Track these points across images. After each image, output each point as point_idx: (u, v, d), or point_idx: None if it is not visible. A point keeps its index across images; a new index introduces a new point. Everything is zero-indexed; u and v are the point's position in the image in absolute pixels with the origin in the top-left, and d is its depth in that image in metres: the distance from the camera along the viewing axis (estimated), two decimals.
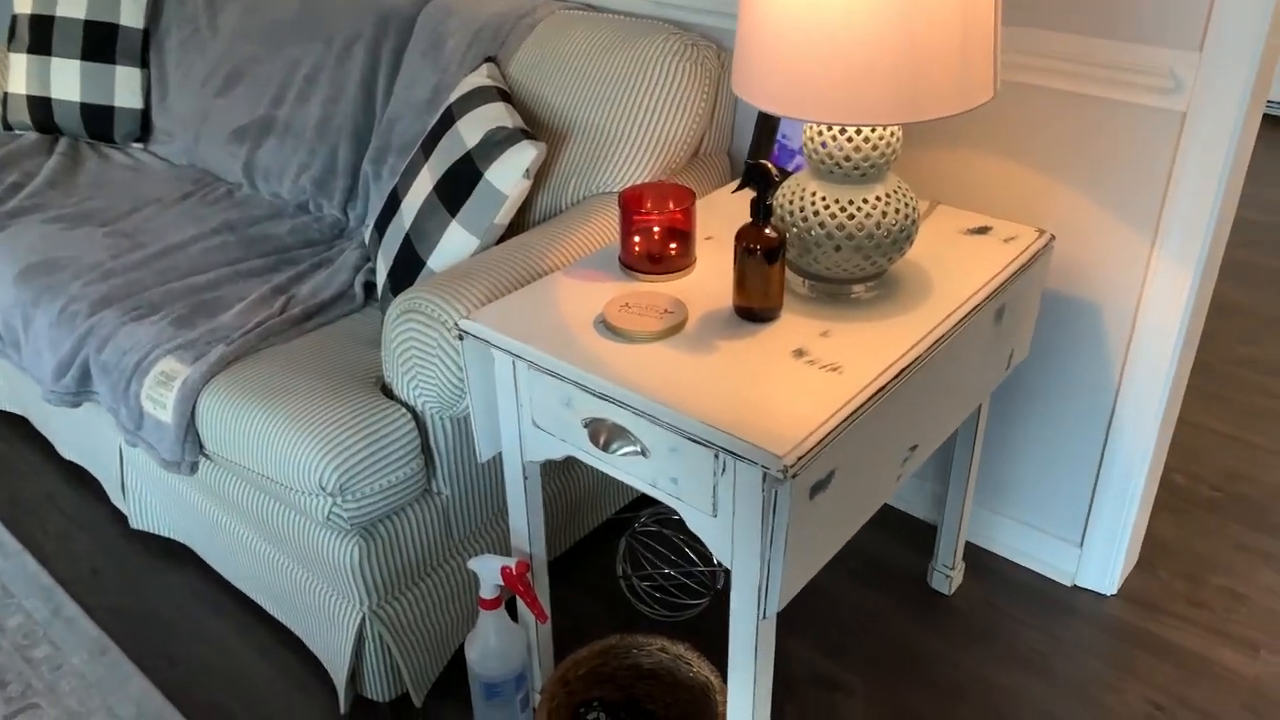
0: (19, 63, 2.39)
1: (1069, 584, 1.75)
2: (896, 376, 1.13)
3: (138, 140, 2.45)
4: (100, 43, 2.37)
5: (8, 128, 2.47)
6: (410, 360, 1.37)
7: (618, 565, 1.73)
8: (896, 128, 1.19)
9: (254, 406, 1.43)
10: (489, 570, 1.36)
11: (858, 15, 1.02)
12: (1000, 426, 1.73)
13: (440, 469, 1.46)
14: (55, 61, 2.37)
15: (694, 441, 1.06)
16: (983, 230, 1.42)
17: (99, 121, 2.41)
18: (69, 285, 1.77)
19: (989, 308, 1.29)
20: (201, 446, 1.54)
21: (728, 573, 1.75)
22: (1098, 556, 1.70)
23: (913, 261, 1.35)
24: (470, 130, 1.56)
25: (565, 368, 1.14)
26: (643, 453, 1.14)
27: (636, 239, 1.31)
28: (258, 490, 1.48)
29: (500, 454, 1.38)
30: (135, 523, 1.84)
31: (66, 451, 2.01)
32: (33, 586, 1.76)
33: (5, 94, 2.42)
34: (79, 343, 1.67)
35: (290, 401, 1.41)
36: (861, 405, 1.08)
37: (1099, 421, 1.60)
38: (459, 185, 1.52)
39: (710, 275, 1.32)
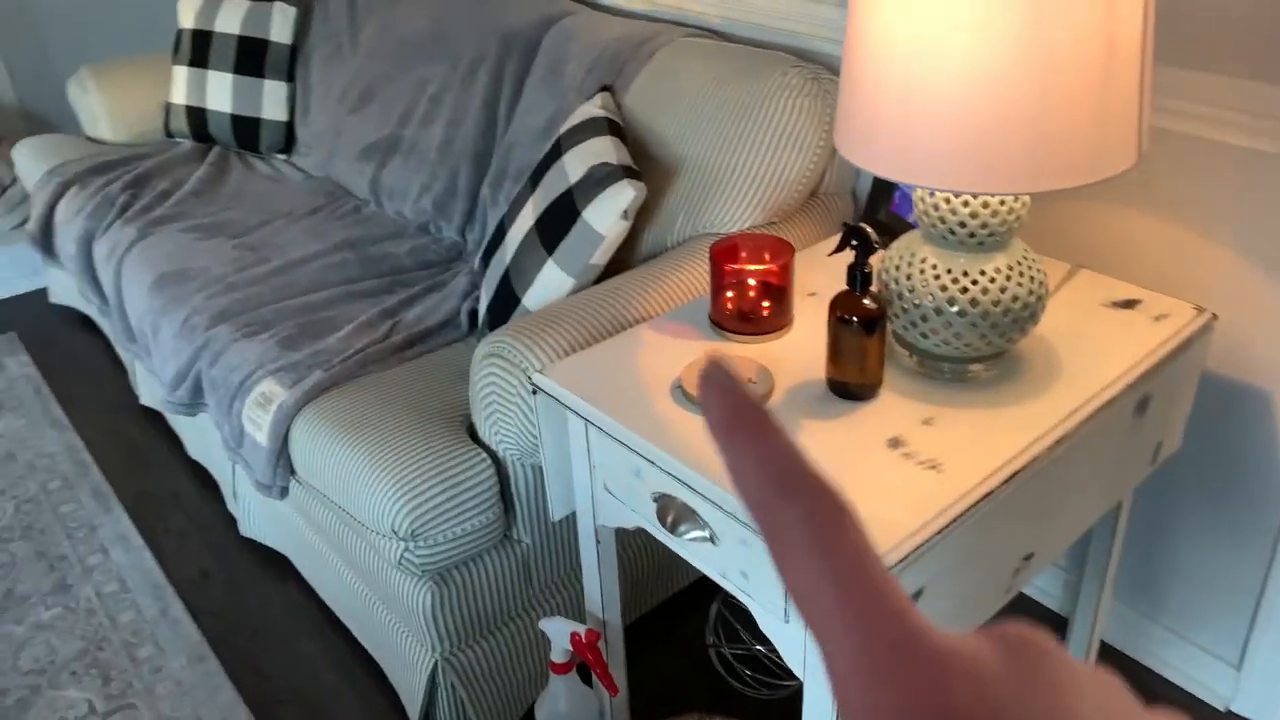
0: (180, 74, 2.50)
1: (1223, 709, 1.54)
2: (1007, 481, 1.00)
3: (281, 151, 2.53)
4: (251, 57, 2.45)
5: (169, 135, 2.59)
6: (491, 405, 1.32)
7: (708, 632, 1.64)
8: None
9: (339, 439, 1.42)
10: (559, 634, 1.30)
11: (976, 68, 0.90)
12: (1148, 519, 1.54)
13: (520, 517, 1.41)
14: (211, 74, 2.47)
15: None
16: (1130, 304, 1.26)
17: (247, 132, 2.49)
18: (193, 297, 1.82)
19: (1130, 398, 1.14)
20: (294, 470, 1.55)
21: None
22: (1259, 683, 1.49)
23: (1042, 337, 1.20)
24: (574, 165, 1.50)
25: (631, 437, 1.07)
26: (711, 539, 1.05)
27: (727, 295, 1.22)
28: (341, 522, 1.47)
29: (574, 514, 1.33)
30: (244, 529, 1.88)
31: (193, 451, 2.09)
32: (147, 583, 1.83)
33: (168, 104, 2.55)
34: (195, 355, 1.72)
35: (374, 437, 1.39)
36: (961, 514, 0.96)
37: (1266, 526, 1.40)
38: (558, 222, 1.47)
39: (807, 339, 1.22)
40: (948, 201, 1.05)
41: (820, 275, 1.35)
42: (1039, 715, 0.19)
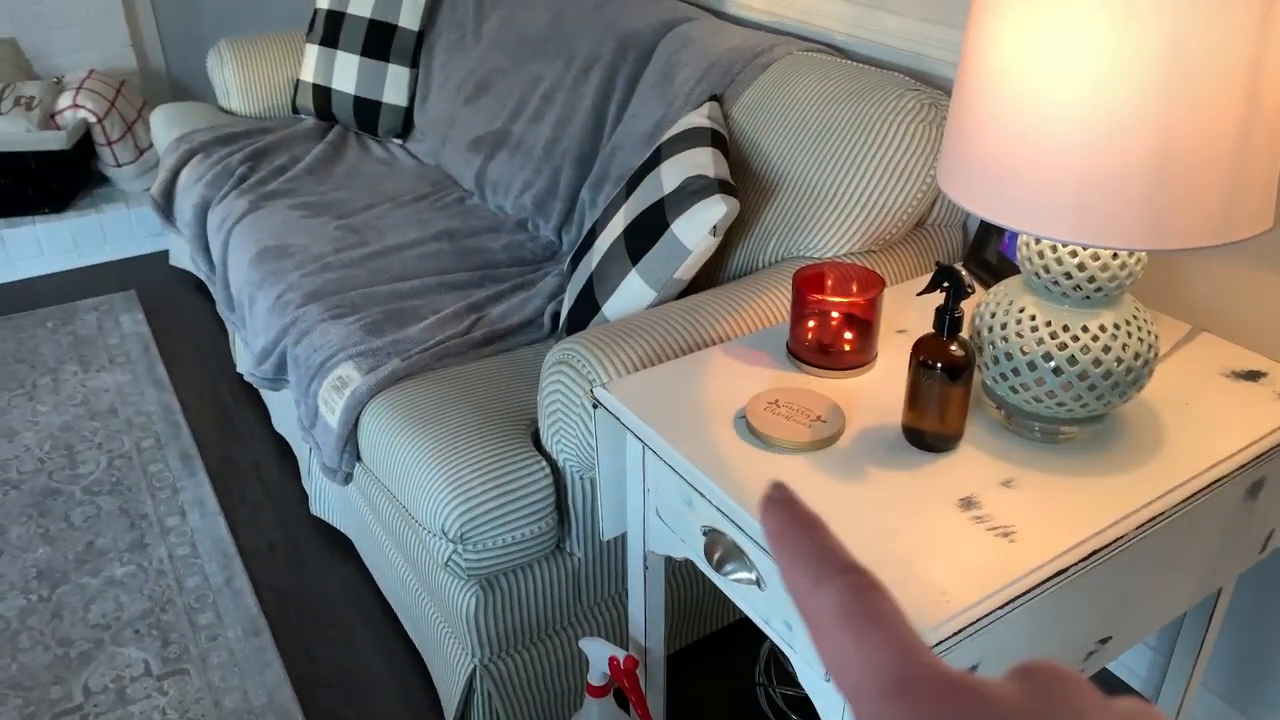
0: (311, 53, 2.56)
1: None
2: (1086, 558, 0.90)
3: (398, 136, 2.56)
4: (379, 40, 2.49)
5: (295, 111, 2.66)
6: (555, 413, 1.29)
7: (758, 671, 1.57)
8: None
9: (404, 430, 1.41)
10: (599, 656, 1.25)
11: (1095, 111, 0.81)
12: (1250, 604, 1.40)
13: (575, 530, 1.37)
14: (340, 55, 2.52)
15: None
16: (1254, 375, 1.14)
17: (367, 114, 2.53)
18: (290, 273, 1.85)
19: (1242, 480, 1.02)
20: (359, 457, 1.54)
21: None
22: None
23: (1148, 403, 1.10)
24: (670, 174, 1.46)
25: (684, 465, 1.01)
26: (758, 583, 0.99)
27: (808, 325, 1.15)
28: (398, 514, 1.46)
29: (625, 534, 1.28)
30: (314, 508, 1.90)
31: (278, 423, 2.13)
32: (216, 551, 1.86)
33: (297, 80, 2.61)
34: (283, 331, 1.74)
35: (437, 433, 1.38)
36: (1028, 591, 0.87)
37: None
38: (646, 232, 1.43)
39: (889, 380, 1.14)
40: (1054, 250, 0.96)
41: (913, 313, 1.27)
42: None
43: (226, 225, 2.12)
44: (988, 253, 1.34)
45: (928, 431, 1.02)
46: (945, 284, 0.96)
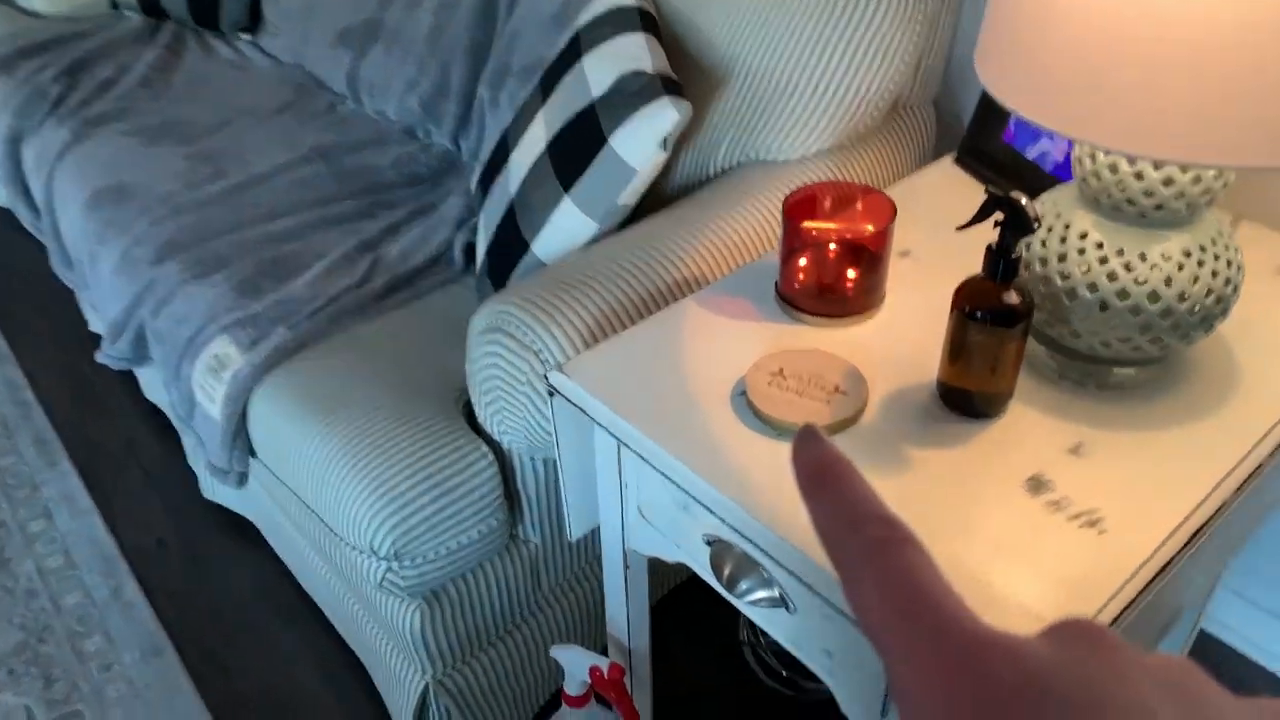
0: None
1: None
2: (1190, 541, 0.73)
3: (246, 31, 2.17)
4: None
5: (114, 6, 2.23)
6: (494, 390, 1.05)
7: (741, 628, 1.41)
8: None
9: (305, 421, 1.15)
10: (576, 665, 1.06)
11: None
12: None
13: (529, 513, 1.16)
14: None
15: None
16: None
17: (205, 6, 2.13)
18: (135, 222, 1.52)
19: None
20: (254, 452, 1.28)
21: None
22: None
23: None
24: (598, 71, 1.18)
25: (676, 468, 0.80)
26: (784, 604, 0.80)
27: (801, 264, 0.93)
28: (314, 522, 1.22)
29: (597, 529, 1.07)
30: (207, 491, 1.64)
31: (151, 391, 1.83)
32: (96, 556, 1.59)
33: None
34: (136, 300, 1.43)
35: (349, 423, 1.12)
36: (1136, 597, 0.70)
37: None
38: (577, 149, 1.16)
39: (904, 319, 0.93)
40: (1133, 163, 0.75)
41: (914, 228, 1.06)
42: (1093, 689, 0.19)
43: (47, 162, 1.75)
44: (988, 143, 1.13)
45: (975, 393, 0.82)
46: (1001, 216, 0.74)
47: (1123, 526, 0.74)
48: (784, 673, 1.39)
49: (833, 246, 0.94)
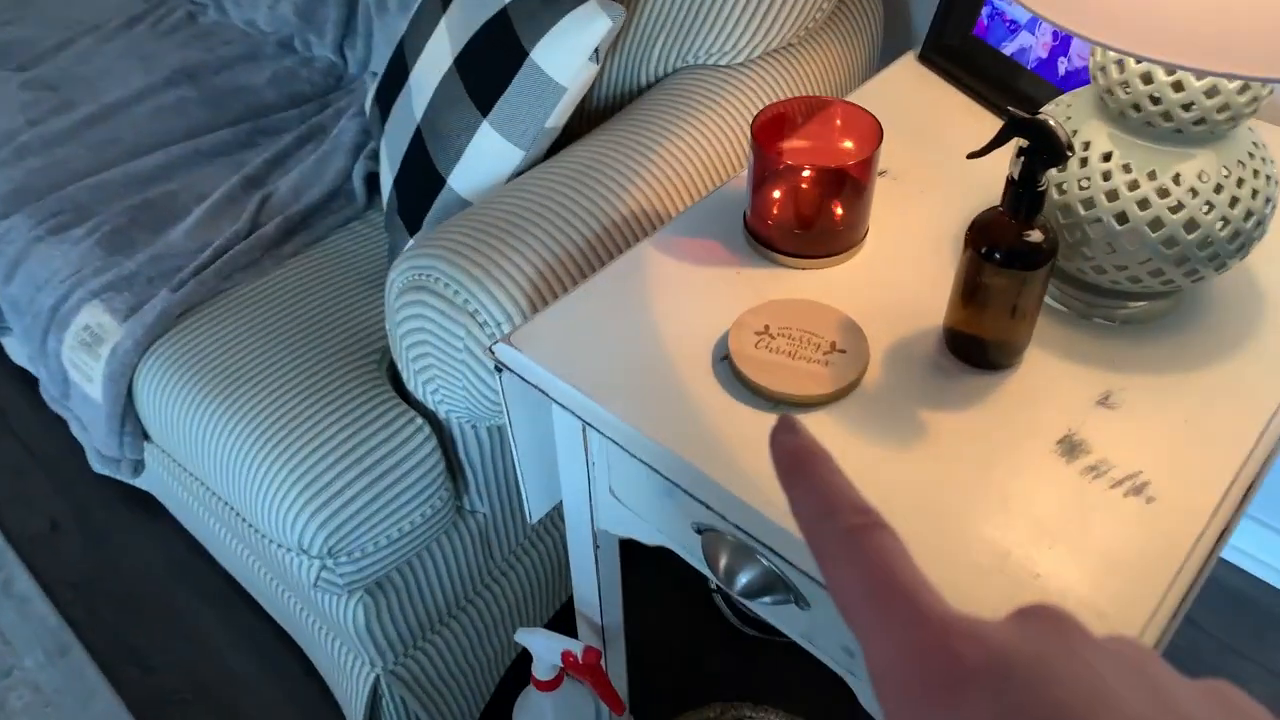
0: None
1: None
2: (1244, 496, 0.66)
3: None
4: None
5: None
6: (425, 359, 0.91)
7: (712, 580, 1.33)
8: None
9: (207, 404, 1.00)
10: (546, 650, 0.97)
11: None
12: None
13: (474, 484, 1.04)
14: None
15: None
16: None
17: None
18: None
19: None
20: (147, 436, 1.12)
21: None
22: None
23: None
24: None
25: (658, 453, 0.69)
26: (795, 599, 0.71)
27: (774, 196, 0.81)
28: (232, 514, 1.07)
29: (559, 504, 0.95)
30: (98, 465, 1.46)
31: (17, 355, 1.62)
32: None
33: None
34: None
35: (256, 402, 0.98)
36: (1196, 577, 0.62)
37: None
38: (492, 64, 1.00)
39: (892, 254, 0.82)
40: (1170, 71, 0.64)
41: (887, 140, 0.94)
42: (1053, 666, 0.20)
43: None
44: (954, 36, 1.00)
45: (990, 342, 0.72)
46: (1026, 144, 0.63)
47: (1171, 491, 0.66)
48: (758, 617, 1.32)
49: (806, 172, 0.82)
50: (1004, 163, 0.90)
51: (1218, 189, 0.67)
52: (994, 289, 0.69)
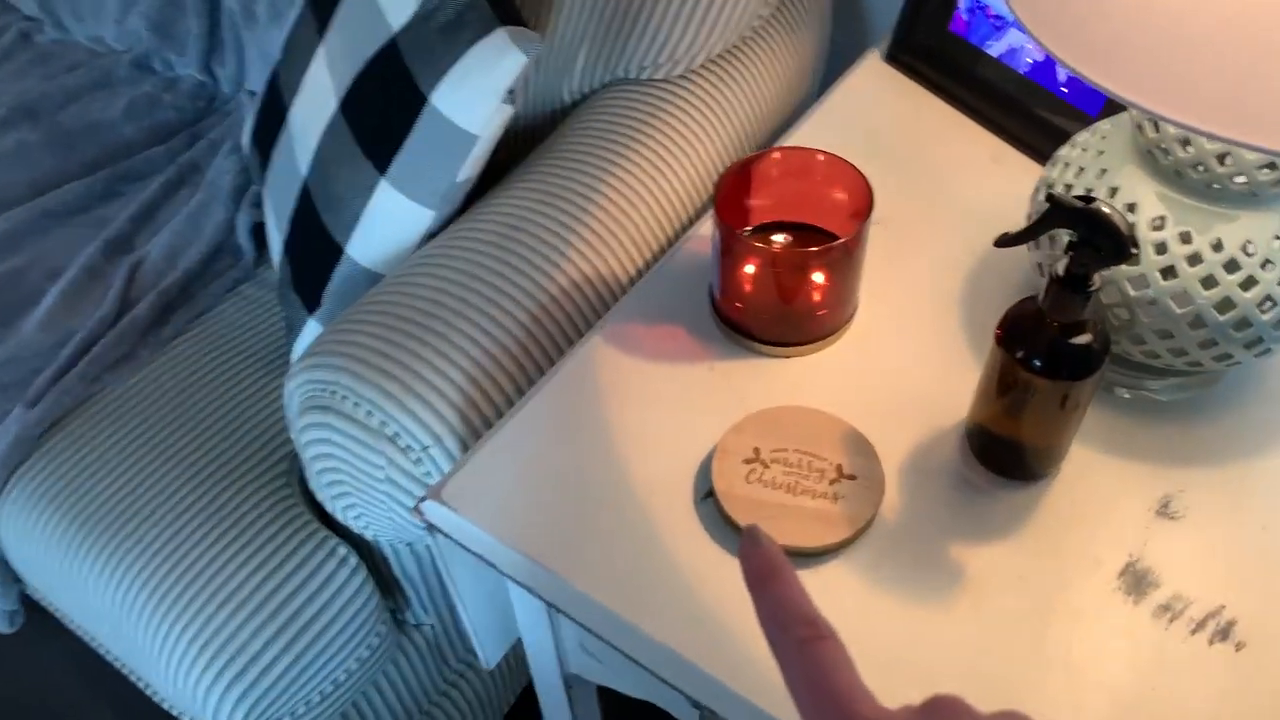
0: None
1: None
2: None
3: None
4: None
5: None
6: (339, 485, 0.76)
7: None
8: None
9: (86, 546, 0.83)
10: None
11: None
12: None
13: (416, 599, 0.90)
14: None
15: None
16: None
17: None
18: None
19: None
20: (19, 581, 0.96)
21: None
22: None
23: None
24: None
25: (648, 646, 0.55)
26: None
27: (747, 272, 0.66)
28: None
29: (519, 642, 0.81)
30: None
31: None
32: None
33: None
34: None
35: (143, 538, 0.81)
36: None
37: None
38: (385, 111, 0.83)
39: (888, 328, 0.69)
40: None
41: (861, 164, 0.79)
42: None
43: None
44: (928, 33, 0.86)
45: (1029, 449, 0.60)
46: (1075, 234, 0.50)
47: (1260, 628, 0.55)
48: None
49: (781, 239, 0.68)
50: (1014, 185, 0.77)
51: (1252, 256, 0.55)
52: (1034, 394, 0.56)
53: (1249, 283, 0.54)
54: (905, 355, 0.67)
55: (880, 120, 0.84)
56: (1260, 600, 0.55)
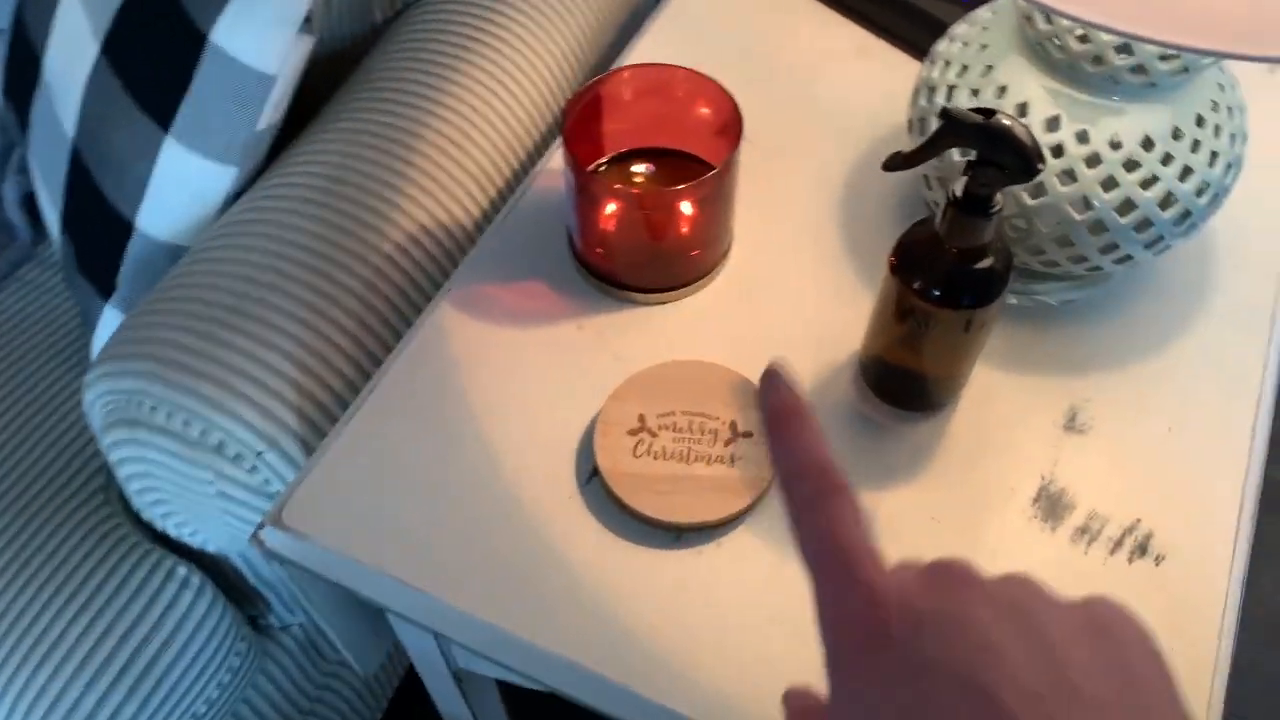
0: None
1: None
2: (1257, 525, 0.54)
3: None
4: None
5: None
6: (163, 505, 0.66)
7: None
8: None
9: None
10: None
11: None
12: None
13: (279, 600, 0.81)
14: None
15: None
16: None
17: None
18: None
19: None
20: None
21: None
22: None
23: None
24: None
25: (551, 666, 0.49)
26: None
27: (608, 213, 0.59)
28: None
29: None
30: None
31: None
32: None
33: None
34: None
35: None
36: (1232, 647, 0.50)
37: None
38: (158, 55, 0.69)
39: (763, 257, 0.63)
40: None
41: (718, 76, 0.72)
42: (950, 623, 0.24)
43: None
44: None
45: (930, 379, 0.55)
46: (975, 151, 0.44)
47: (1177, 537, 0.53)
48: None
49: (643, 169, 0.60)
50: (884, 80, 0.71)
51: (1172, 147, 0.51)
52: (934, 324, 0.51)
53: (1150, 181, 0.50)
54: (788, 289, 0.61)
55: (729, 19, 0.76)
56: (1173, 508, 0.53)
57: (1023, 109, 0.51)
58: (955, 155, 0.54)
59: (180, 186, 0.72)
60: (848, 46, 0.74)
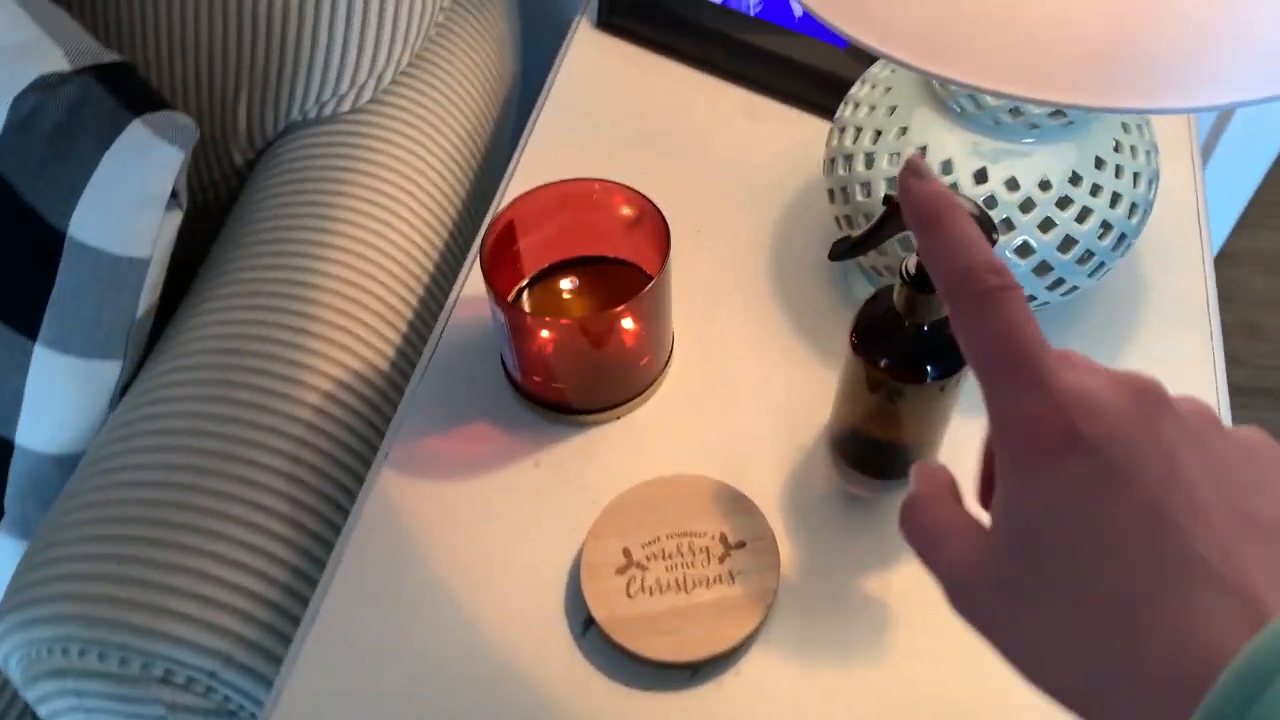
0: None
1: None
2: None
3: None
4: None
5: None
6: None
7: None
8: None
9: None
10: None
11: None
12: None
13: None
14: None
15: None
16: None
17: None
18: None
19: None
20: None
21: None
22: None
23: None
24: None
25: None
26: None
27: (544, 336, 0.55)
28: None
29: None
30: None
31: None
32: None
33: None
34: None
35: None
36: None
37: None
38: (11, 260, 0.63)
39: (705, 348, 0.60)
40: None
41: (617, 159, 0.69)
42: (1142, 442, 0.23)
43: None
44: None
45: (912, 446, 0.53)
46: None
47: None
48: None
49: (570, 283, 0.57)
50: (778, 140, 0.70)
51: (1100, 185, 0.51)
52: (907, 397, 0.49)
53: (1084, 214, 0.50)
54: (740, 375, 0.59)
55: (614, 98, 0.74)
56: None
57: (947, 165, 0.50)
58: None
59: (60, 395, 0.66)
60: (734, 109, 0.73)
